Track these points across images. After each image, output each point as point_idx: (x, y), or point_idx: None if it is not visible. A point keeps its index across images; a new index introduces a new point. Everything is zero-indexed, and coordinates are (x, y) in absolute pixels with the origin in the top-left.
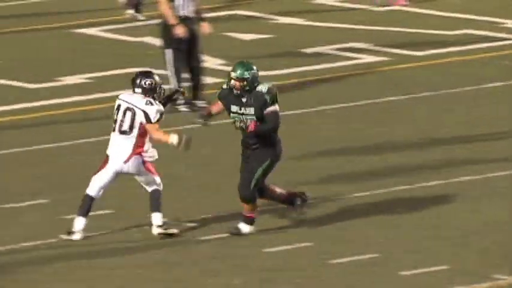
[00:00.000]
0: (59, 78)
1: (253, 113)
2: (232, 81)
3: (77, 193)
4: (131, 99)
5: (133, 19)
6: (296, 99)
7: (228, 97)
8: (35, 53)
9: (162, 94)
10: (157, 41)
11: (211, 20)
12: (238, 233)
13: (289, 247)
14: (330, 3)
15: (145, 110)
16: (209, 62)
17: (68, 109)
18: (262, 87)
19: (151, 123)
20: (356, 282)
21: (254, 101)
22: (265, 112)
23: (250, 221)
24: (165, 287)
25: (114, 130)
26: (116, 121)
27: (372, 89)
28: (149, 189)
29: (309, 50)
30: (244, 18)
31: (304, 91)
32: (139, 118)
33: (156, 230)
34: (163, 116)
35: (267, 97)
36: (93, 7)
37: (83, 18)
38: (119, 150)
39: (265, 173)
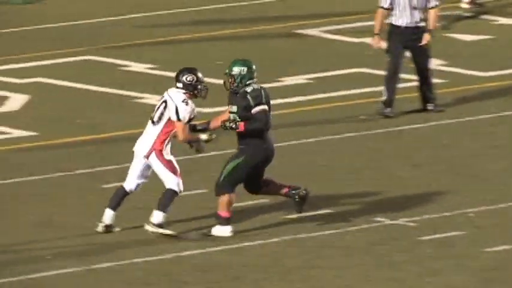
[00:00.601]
0: (280, 79)
1: (235, 111)
2: (225, 78)
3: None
4: (173, 93)
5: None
6: None
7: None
8: (258, 54)
9: (202, 92)
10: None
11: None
12: (209, 234)
13: (509, 247)
14: None
15: (178, 105)
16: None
17: (288, 110)
18: (249, 88)
19: (179, 120)
20: None
21: (238, 100)
22: (253, 112)
23: (223, 220)
24: (386, 286)
25: (152, 122)
26: (156, 113)
27: None
28: (166, 186)
29: None
30: (465, 19)
31: None
32: (170, 112)
33: (147, 226)
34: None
35: (250, 98)
36: (315, 8)
37: (305, 19)
38: (143, 140)
39: (238, 170)
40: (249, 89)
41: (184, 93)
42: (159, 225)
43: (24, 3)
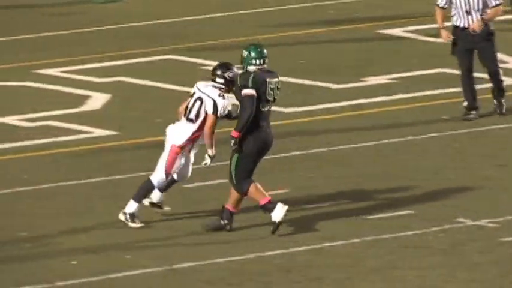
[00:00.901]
0: (364, 79)
1: (232, 95)
2: None
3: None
4: (206, 89)
5: None
6: None
7: None
8: (341, 53)
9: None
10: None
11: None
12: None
13: None
14: None
15: (216, 100)
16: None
17: (371, 109)
18: (244, 70)
19: (216, 114)
20: None
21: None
22: (242, 94)
23: (269, 207)
24: (467, 287)
25: (185, 116)
26: (187, 107)
27: None
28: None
29: None
30: None
31: None
32: (207, 106)
33: (121, 215)
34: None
35: (239, 80)
36: (398, 8)
37: (388, 19)
38: (177, 131)
39: (239, 166)
40: (242, 71)
41: (220, 88)
42: (131, 215)
43: (105, 2)
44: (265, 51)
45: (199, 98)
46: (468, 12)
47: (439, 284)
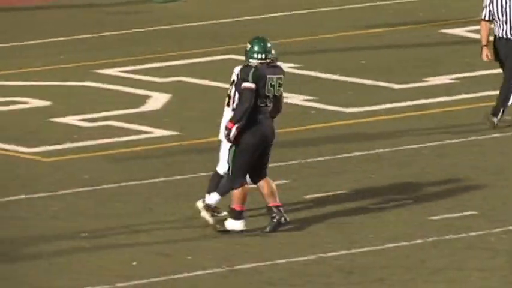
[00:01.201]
0: (426, 79)
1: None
2: None
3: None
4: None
5: None
6: None
7: None
8: (403, 53)
9: None
10: None
11: None
12: (224, 230)
13: None
14: None
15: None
16: None
17: (433, 110)
18: (245, 64)
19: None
20: None
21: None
22: (241, 87)
23: (236, 214)
24: None
25: (228, 105)
26: (229, 96)
27: None
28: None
29: None
30: None
31: None
32: None
33: (199, 203)
34: None
35: (239, 73)
36: (460, 8)
37: (450, 19)
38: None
39: (237, 159)
40: (242, 66)
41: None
42: (207, 206)
43: (165, 1)
44: (269, 45)
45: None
46: (506, 22)
47: (502, 285)
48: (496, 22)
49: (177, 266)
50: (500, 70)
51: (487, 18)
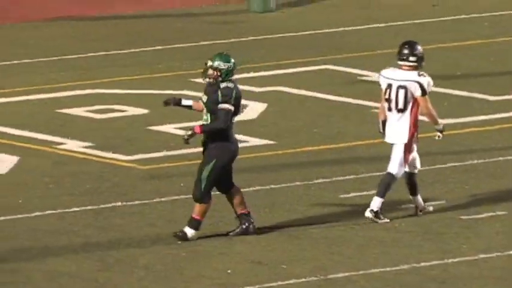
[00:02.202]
0: None
1: (205, 101)
2: (210, 71)
3: None
4: (402, 75)
5: None
6: None
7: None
8: (499, 65)
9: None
10: None
11: None
12: (184, 238)
13: None
14: None
15: (419, 81)
16: None
17: None
18: (223, 84)
19: (425, 94)
20: None
21: (210, 92)
22: (218, 107)
23: (195, 223)
24: None
25: (390, 109)
26: (390, 100)
27: None
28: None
29: None
30: None
31: None
32: (414, 92)
33: (367, 213)
34: None
35: (219, 94)
36: None
37: None
38: (395, 131)
39: (212, 174)
40: (222, 85)
41: (414, 68)
42: (376, 213)
43: (263, 11)
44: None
45: (402, 87)
46: None
47: None
48: None
49: (271, 275)
50: None
51: None
